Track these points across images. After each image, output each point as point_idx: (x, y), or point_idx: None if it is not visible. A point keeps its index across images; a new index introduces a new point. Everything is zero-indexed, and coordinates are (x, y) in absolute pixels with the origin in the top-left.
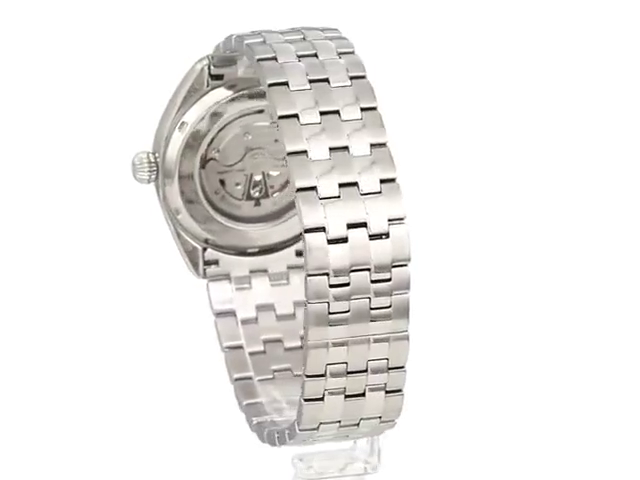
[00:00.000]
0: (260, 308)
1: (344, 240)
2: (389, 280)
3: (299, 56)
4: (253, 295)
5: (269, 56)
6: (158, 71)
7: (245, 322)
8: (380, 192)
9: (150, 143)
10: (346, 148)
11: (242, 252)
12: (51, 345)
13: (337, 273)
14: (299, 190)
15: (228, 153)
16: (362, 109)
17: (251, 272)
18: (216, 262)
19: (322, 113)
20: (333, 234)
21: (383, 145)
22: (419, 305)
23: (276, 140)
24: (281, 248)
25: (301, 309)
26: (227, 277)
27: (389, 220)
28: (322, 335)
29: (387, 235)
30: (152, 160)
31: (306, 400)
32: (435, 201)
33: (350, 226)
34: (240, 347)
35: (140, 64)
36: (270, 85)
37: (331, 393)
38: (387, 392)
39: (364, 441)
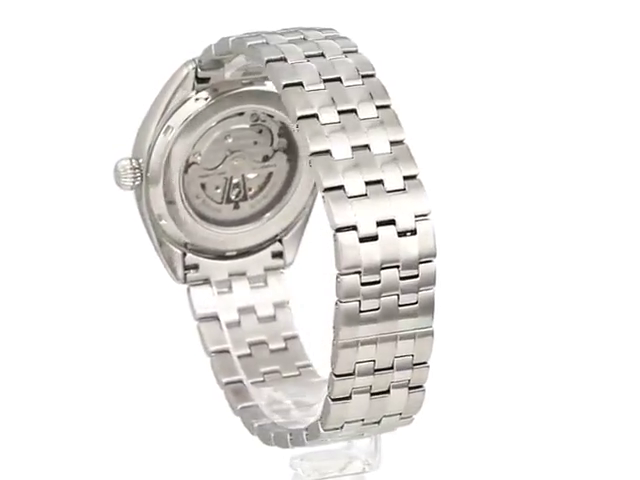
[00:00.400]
0: (242, 311)
1: (374, 238)
2: (417, 276)
3: (307, 56)
4: (234, 298)
5: (278, 57)
6: (132, 76)
7: (229, 325)
8: (404, 189)
9: (126, 148)
10: (367, 146)
11: (220, 255)
12: (34, 354)
13: (368, 271)
14: (327, 190)
15: (209, 157)
16: (377, 107)
17: (230, 275)
18: (196, 267)
19: (340, 112)
20: (364, 232)
21: (401, 142)
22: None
23: (255, 142)
24: (257, 250)
25: (281, 310)
26: (207, 281)
27: (415, 216)
28: (352, 334)
29: (414, 232)
30: (136, 166)
31: (334, 400)
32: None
33: (379, 224)
34: (227, 351)
35: (115, 69)
36: (285, 86)
37: (358, 392)
38: (410, 388)
39: (364, 439)
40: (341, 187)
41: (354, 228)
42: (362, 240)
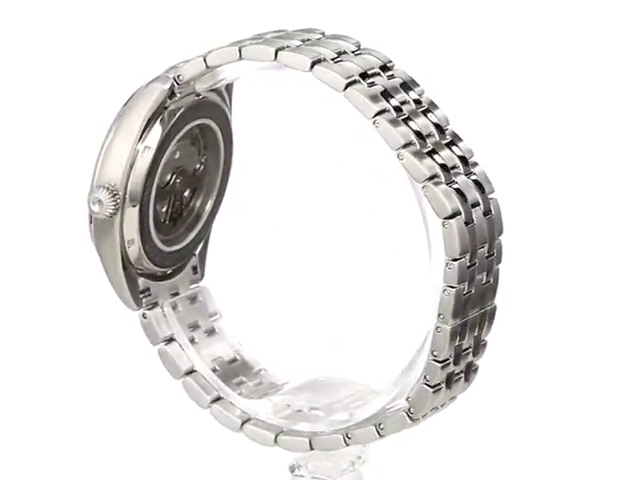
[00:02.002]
0: (192, 328)
1: (472, 221)
2: (494, 254)
3: (338, 54)
4: (183, 317)
5: (317, 58)
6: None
7: (192, 343)
8: (473, 171)
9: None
10: (432, 134)
11: (159, 276)
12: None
13: (473, 254)
14: (429, 179)
15: (163, 176)
16: (419, 94)
17: (171, 295)
18: (148, 290)
19: (401, 103)
20: (465, 216)
21: (448, 127)
22: None
23: (190, 156)
24: (183, 267)
25: (218, 322)
26: (158, 304)
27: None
28: (460, 319)
29: (490, 211)
30: (115, 192)
31: (432, 387)
32: None
33: (471, 207)
34: (196, 370)
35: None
36: (347, 85)
37: (446, 380)
38: (472, 371)
39: None
40: (437, 175)
41: (460, 214)
42: (466, 224)
